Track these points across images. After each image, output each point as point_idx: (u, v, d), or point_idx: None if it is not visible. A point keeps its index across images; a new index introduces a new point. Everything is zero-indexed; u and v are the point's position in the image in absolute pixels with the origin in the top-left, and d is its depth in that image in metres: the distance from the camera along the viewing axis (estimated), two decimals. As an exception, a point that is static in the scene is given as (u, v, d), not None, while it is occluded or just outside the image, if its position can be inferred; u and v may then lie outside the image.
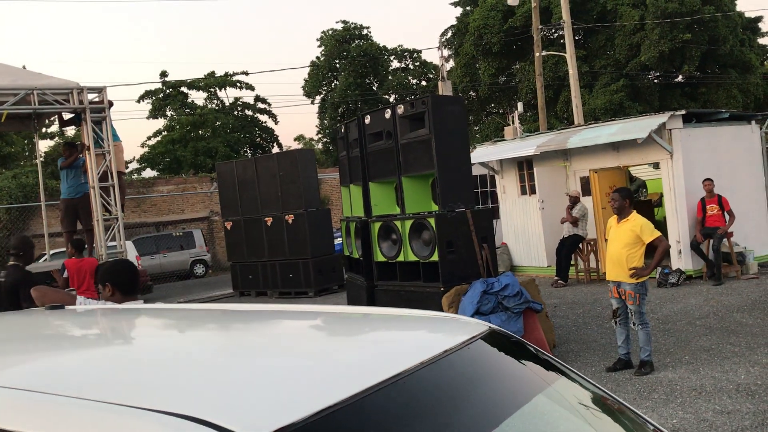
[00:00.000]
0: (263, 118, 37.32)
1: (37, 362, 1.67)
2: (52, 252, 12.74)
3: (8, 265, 6.39)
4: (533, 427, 1.64)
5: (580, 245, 11.69)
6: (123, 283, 3.15)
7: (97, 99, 9.27)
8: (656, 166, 12.57)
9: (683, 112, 11.03)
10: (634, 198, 6.77)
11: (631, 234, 6.20)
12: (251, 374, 1.39)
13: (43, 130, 12.47)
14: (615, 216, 6.44)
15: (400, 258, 7.43)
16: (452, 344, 1.72)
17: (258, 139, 37.31)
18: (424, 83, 39.86)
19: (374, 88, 38.66)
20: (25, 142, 29.75)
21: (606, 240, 6.89)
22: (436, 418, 1.47)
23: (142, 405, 1.19)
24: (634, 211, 6.37)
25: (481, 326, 1.95)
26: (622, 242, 6.25)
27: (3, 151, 27.11)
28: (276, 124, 46.54)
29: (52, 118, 11.47)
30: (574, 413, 1.78)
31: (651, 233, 6.19)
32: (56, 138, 28.02)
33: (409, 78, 39.99)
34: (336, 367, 1.48)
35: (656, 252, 6.23)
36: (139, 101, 33.90)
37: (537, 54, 20.16)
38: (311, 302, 12.34)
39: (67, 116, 9.66)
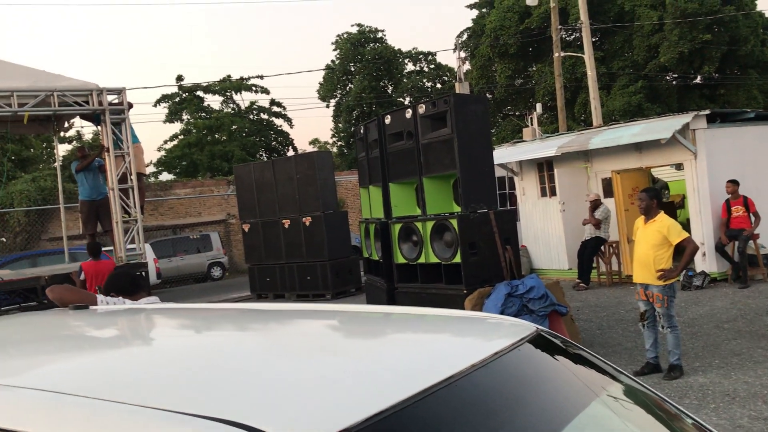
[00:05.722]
0: (278, 121, 37.36)
1: (64, 364, 1.59)
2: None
3: None
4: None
5: (602, 248, 11.53)
6: (122, 288, 3.26)
7: (116, 100, 9.26)
8: (679, 167, 12.37)
9: (707, 111, 10.83)
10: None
11: (658, 235, 6.05)
12: (299, 376, 1.30)
13: (62, 133, 12.49)
14: (642, 217, 6.29)
15: (421, 260, 7.33)
16: (502, 346, 1.63)
17: (273, 143, 37.31)
18: (439, 86, 39.72)
19: (389, 91, 38.55)
20: (44, 145, 29.95)
21: (630, 241, 6.74)
22: (491, 422, 1.38)
23: (176, 409, 1.10)
24: (662, 212, 6.20)
25: (528, 327, 1.85)
26: (649, 244, 6.10)
27: (22, 155, 27.33)
28: (291, 127, 46.57)
29: (71, 121, 11.48)
30: (632, 420, 1.68)
31: (679, 234, 6.03)
32: (74, 142, 28.17)
33: (424, 81, 39.84)
34: (387, 369, 1.39)
35: (684, 253, 6.07)
36: (155, 105, 34.00)
37: (556, 54, 20.00)
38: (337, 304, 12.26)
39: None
